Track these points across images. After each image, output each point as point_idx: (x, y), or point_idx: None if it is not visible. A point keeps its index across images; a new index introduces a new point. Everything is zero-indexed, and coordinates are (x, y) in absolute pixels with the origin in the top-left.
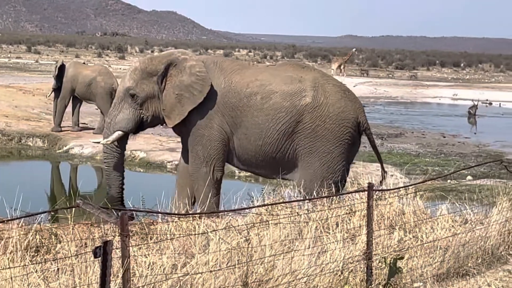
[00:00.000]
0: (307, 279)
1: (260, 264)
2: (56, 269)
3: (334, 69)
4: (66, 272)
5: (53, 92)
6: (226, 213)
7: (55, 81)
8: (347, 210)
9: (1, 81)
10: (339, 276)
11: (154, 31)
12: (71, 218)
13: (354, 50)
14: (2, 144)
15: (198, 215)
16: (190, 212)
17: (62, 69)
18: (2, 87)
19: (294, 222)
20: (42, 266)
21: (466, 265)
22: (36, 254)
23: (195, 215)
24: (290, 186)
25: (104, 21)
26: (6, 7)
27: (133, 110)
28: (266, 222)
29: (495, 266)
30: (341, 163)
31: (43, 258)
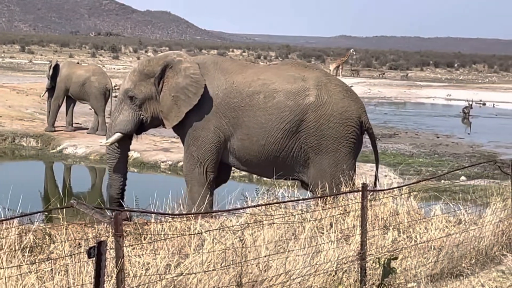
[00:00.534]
0: (301, 280)
1: (254, 264)
2: (50, 269)
3: (331, 69)
4: (60, 272)
5: (47, 92)
6: (220, 213)
7: (49, 81)
8: (341, 210)
9: None
10: (333, 276)
11: (148, 31)
12: (65, 218)
13: (352, 51)
14: None
15: (192, 215)
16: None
17: (56, 69)
18: None
19: (288, 223)
20: (36, 267)
21: (460, 265)
22: (30, 254)
23: (189, 215)
24: (284, 187)
25: (98, 21)
26: None
27: (132, 111)
28: (260, 222)
29: (489, 266)
30: (349, 161)
31: (37, 258)
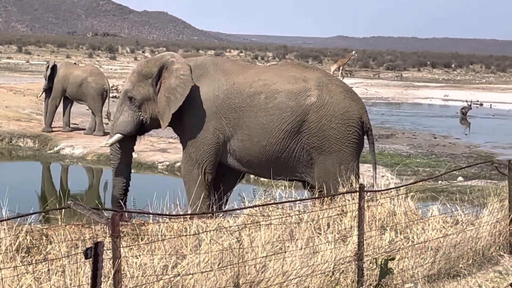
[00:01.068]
0: (299, 280)
1: (251, 265)
2: (47, 270)
3: (332, 70)
4: (57, 273)
5: (44, 92)
6: (217, 214)
7: (47, 81)
8: (339, 211)
9: None
10: (330, 277)
11: (145, 32)
12: (62, 219)
13: (354, 52)
14: None
15: (189, 216)
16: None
17: (53, 69)
18: None
19: (285, 223)
20: (33, 267)
21: (457, 266)
22: (26, 255)
23: (186, 216)
24: (281, 187)
25: (95, 21)
26: None
27: (132, 112)
28: (257, 223)
29: (486, 267)
30: (353, 162)
31: (34, 259)
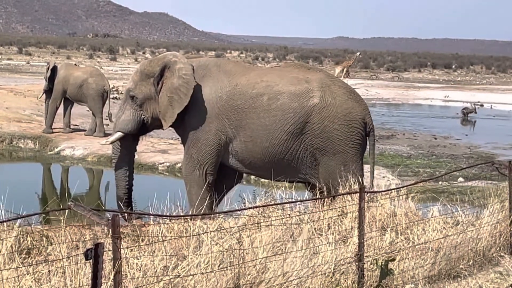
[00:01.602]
0: (299, 281)
1: (252, 266)
2: (47, 271)
3: (336, 72)
4: (57, 274)
5: (44, 93)
6: (217, 215)
7: (47, 82)
8: (339, 212)
9: None
10: (331, 278)
11: (145, 33)
12: (63, 220)
13: (359, 54)
14: None
15: (190, 217)
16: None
17: (54, 70)
18: None
19: (286, 224)
20: (34, 268)
21: (458, 266)
22: (27, 256)
23: (187, 217)
24: (282, 188)
25: (95, 22)
26: None
27: (133, 111)
28: (258, 224)
29: (487, 268)
30: (357, 163)
31: (35, 260)
